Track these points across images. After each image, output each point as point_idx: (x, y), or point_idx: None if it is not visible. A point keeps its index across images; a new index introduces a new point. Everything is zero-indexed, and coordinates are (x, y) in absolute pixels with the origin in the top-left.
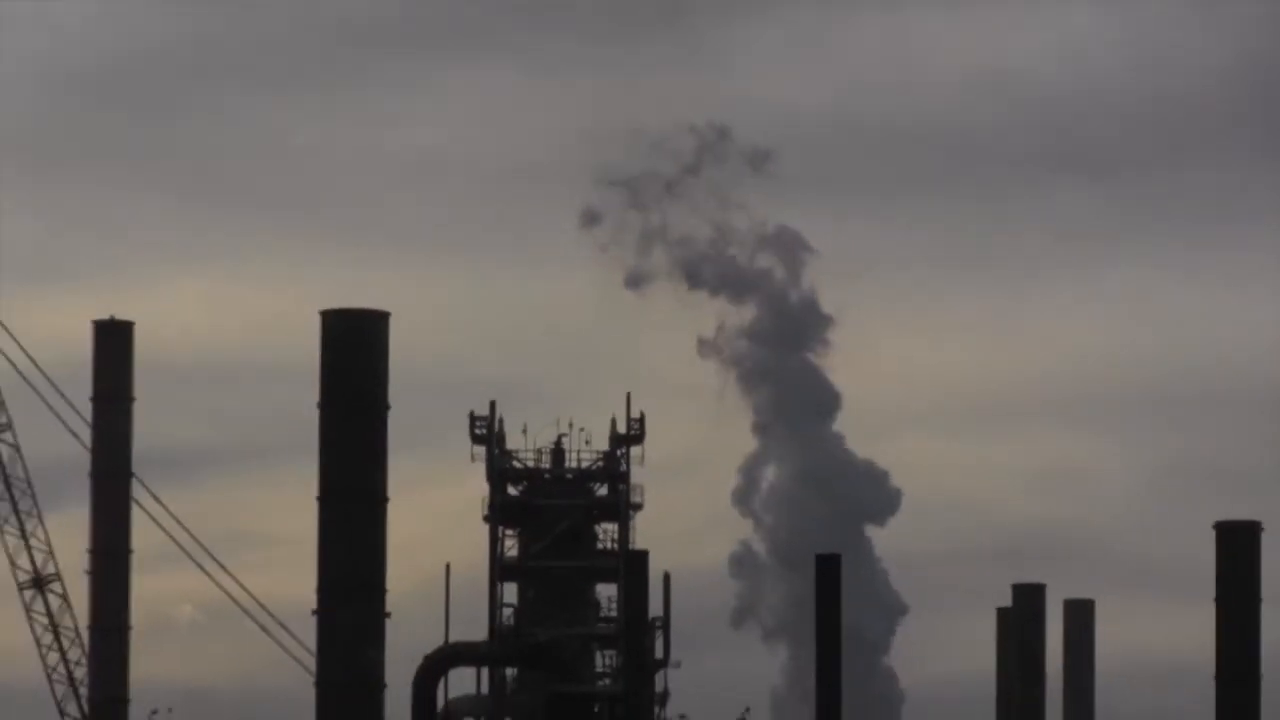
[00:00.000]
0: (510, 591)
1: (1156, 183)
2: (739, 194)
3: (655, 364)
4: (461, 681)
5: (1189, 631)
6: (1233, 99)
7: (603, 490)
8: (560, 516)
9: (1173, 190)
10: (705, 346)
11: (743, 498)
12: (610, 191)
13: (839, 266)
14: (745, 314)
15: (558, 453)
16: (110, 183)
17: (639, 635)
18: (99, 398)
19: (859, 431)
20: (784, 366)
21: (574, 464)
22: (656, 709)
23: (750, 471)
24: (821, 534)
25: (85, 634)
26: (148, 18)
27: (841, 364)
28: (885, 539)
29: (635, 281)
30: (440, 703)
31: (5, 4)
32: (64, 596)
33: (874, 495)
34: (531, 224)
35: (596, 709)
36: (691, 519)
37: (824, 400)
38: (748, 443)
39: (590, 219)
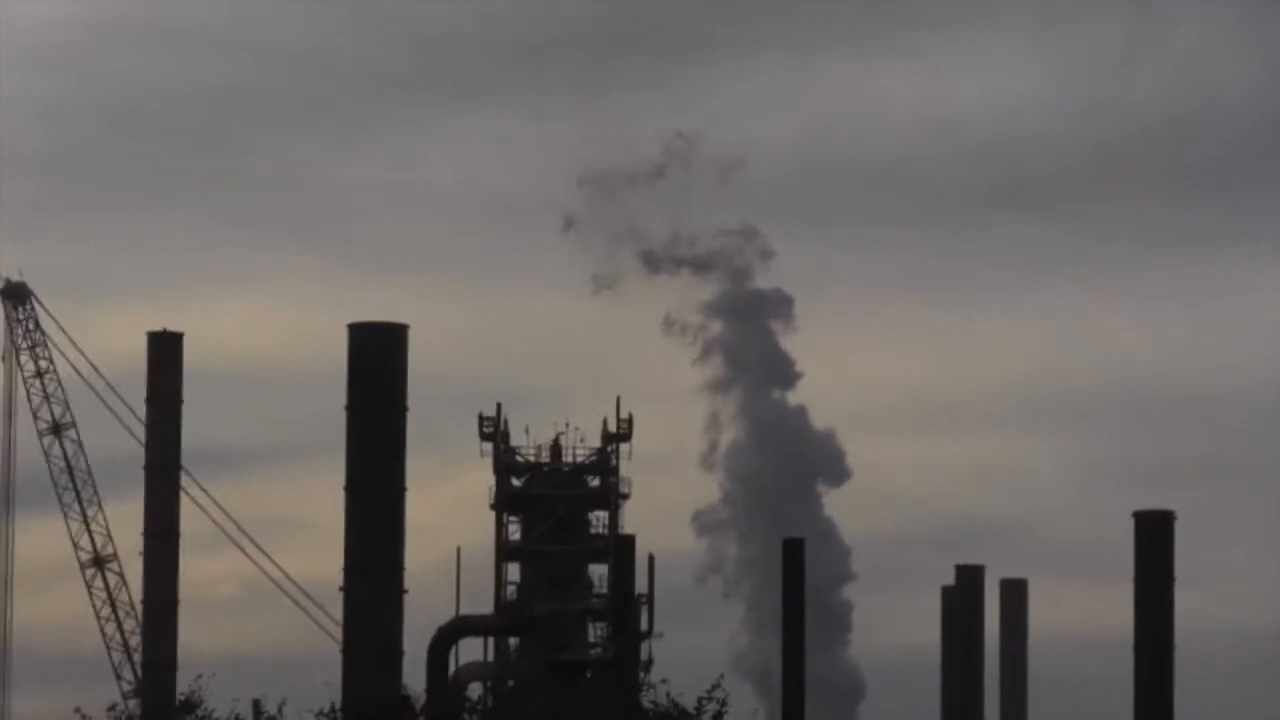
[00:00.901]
0: (514, 571)
1: (1083, 217)
2: (711, 216)
3: (641, 372)
4: (470, 650)
5: (1110, 608)
6: (1152, 144)
7: (595, 482)
8: (557, 505)
9: (1097, 223)
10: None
11: (706, 458)
12: (591, 208)
13: (800, 285)
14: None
15: (556, 449)
16: (165, 210)
17: (626, 609)
18: (152, 400)
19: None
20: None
21: (570, 459)
22: (641, 674)
23: (712, 433)
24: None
25: (139, 608)
26: (206, 66)
27: (801, 370)
28: (840, 524)
29: (609, 283)
30: (451, 669)
31: (78, 49)
32: (120, 575)
33: (825, 458)
34: (530, 249)
35: (589, 674)
36: (672, 507)
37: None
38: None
39: (568, 224)
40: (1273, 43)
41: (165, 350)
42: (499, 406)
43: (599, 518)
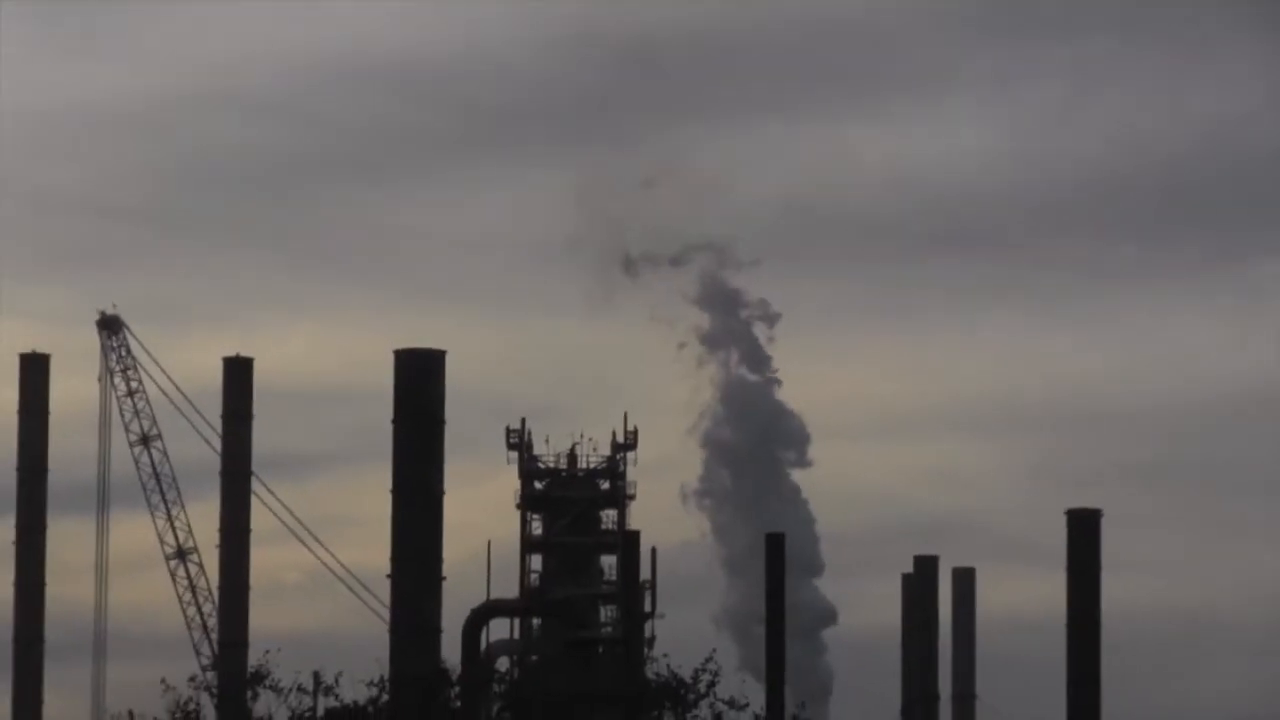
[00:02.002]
0: (536, 561)
1: (1024, 255)
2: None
3: (646, 391)
4: (499, 629)
5: (1047, 592)
6: (1085, 193)
7: (605, 485)
8: (573, 505)
9: (1037, 261)
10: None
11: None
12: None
13: (781, 312)
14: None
15: (572, 457)
16: (238, 252)
17: (632, 594)
18: (227, 415)
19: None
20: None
21: (584, 465)
22: (645, 650)
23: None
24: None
25: (215, 593)
26: (274, 131)
27: (780, 386)
28: (810, 505)
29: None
30: (482, 645)
31: (168, 116)
32: (199, 564)
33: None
34: (552, 286)
35: (601, 650)
36: (671, 507)
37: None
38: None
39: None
40: (1191, 105)
41: (237, 372)
42: (523, 421)
43: (609, 515)
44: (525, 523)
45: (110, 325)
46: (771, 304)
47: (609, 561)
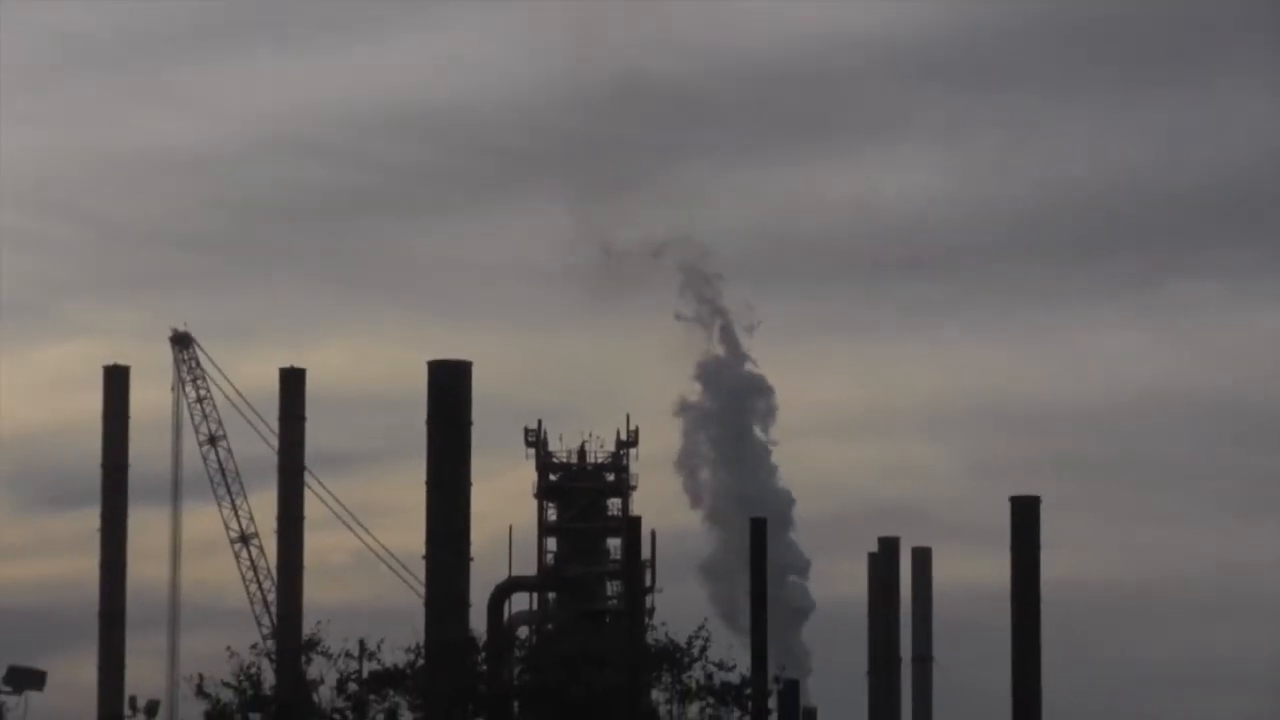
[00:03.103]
0: (551, 543)
1: (972, 279)
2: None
3: (646, 396)
4: (519, 602)
5: (995, 570)
6: (1025, 225)
7: (611, 477)
8: (583, 494)
9: (983, 284)
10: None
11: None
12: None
13: (762, 332)
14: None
15: (582, 453)
16: (292, 276)
17: (634, 571)
18: (282, 418)
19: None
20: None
21: (593, 460)
22: (646, 620)
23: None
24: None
25: (273, 572)
26: (323, 170)
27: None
28: (791, 499)
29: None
30: (505, 616)
31: (230, 158)
32: (260, 547)
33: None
34: (562, 305)
35: (608, 619)
36: (667, 496)
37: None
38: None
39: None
40: (1111, 150)
41: (292, 381)
42: (539, 422)
43: (614, 503)
44: (542, 510)
45: (182, 341)
46: (750, 313)
47: (614, 543)
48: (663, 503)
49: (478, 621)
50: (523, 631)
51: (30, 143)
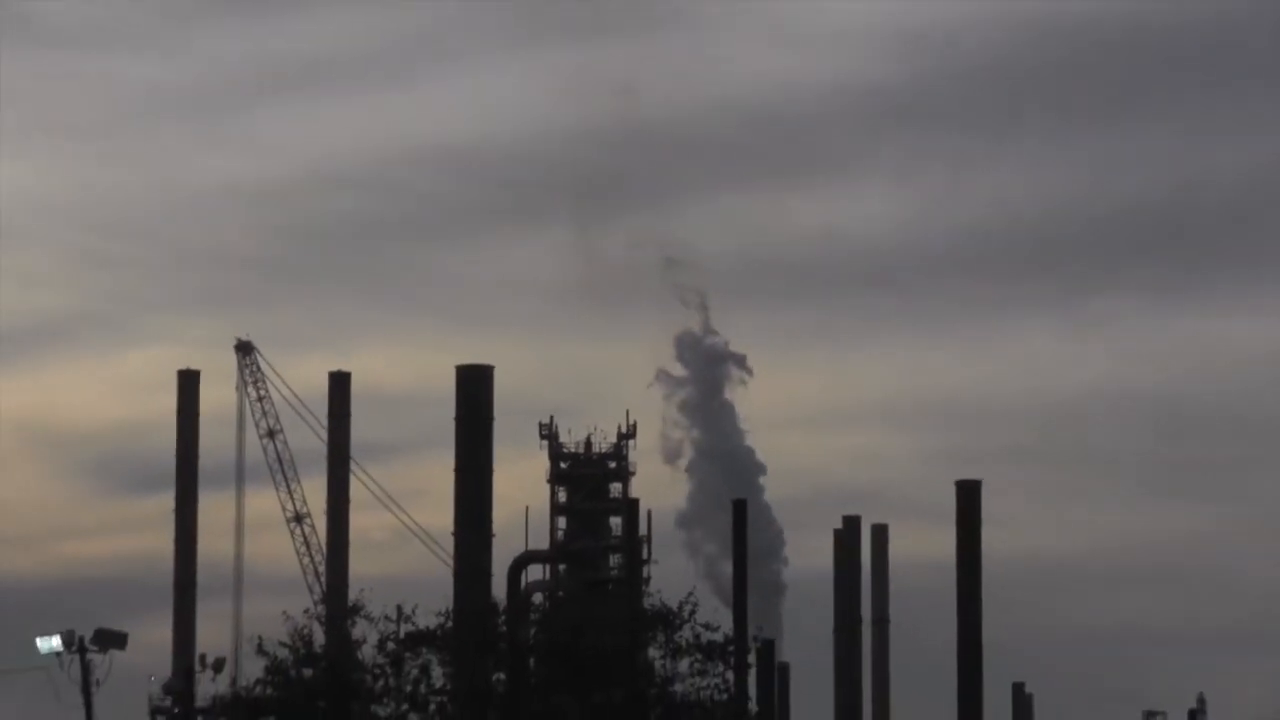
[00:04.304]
0: (561, 522)
1: (925, 295)
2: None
3: (643, 396)
4: (534, 572)
5: (943, 544)
6: (969, 247)
7: (613, 464)
8: (589, 479)
9: (933, 299)
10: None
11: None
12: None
13: (740, 338)
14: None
15: (588, 444)
16: (338, 292)
17: (633, 545)
18: (331, 414)
19: (752, 425)
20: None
21: (597, 450)
22: (643, 587)
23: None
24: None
25: (323, 547)
26: (360, 199)
27: (743, 392)
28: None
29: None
30: (522, 584)
31: (282, 191)
32: (312, 526)
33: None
34: (568, 317)
35: (610, 587)
36: (660, 480)
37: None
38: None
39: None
40: (1044, 182)
41: (339, 383)
42: (551, 418)
43: (615, 487)
44: (553, 493)
45: (244, 348)
46: (732, 326)
47: (616, 521)
48: (657, 487)
49: (499, 589)
50: (537, 597)
51: (118, 179)
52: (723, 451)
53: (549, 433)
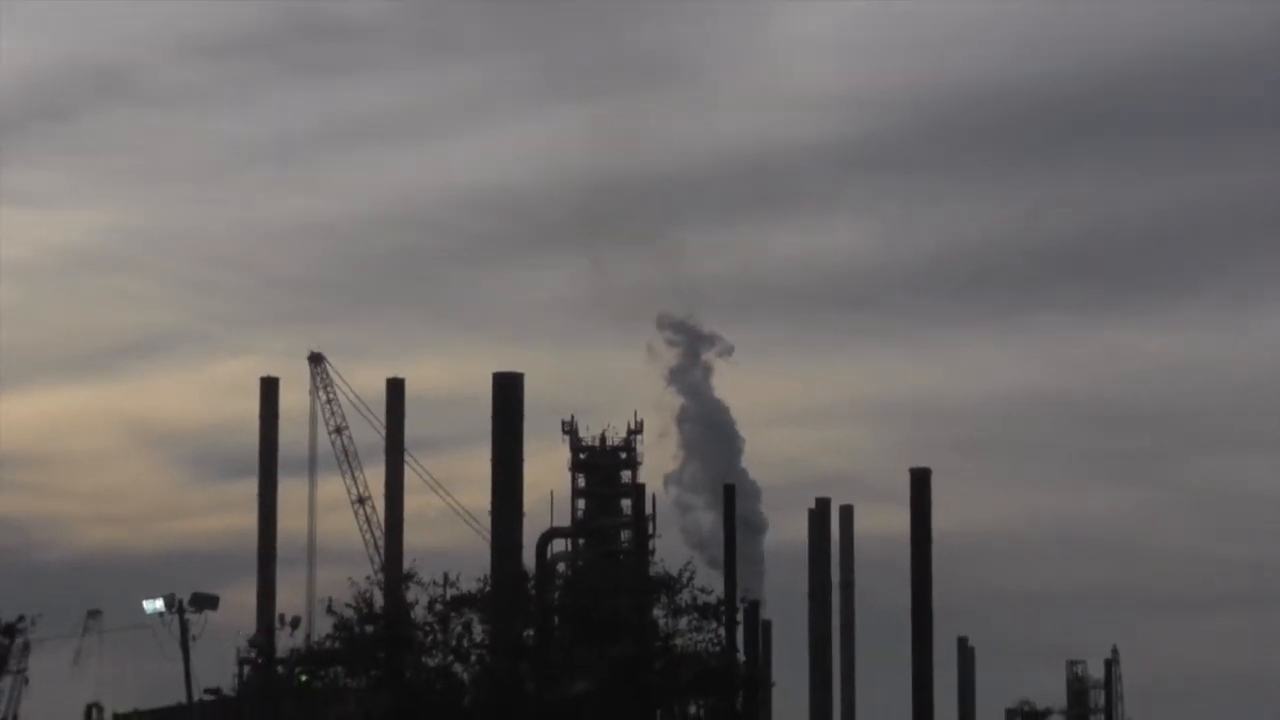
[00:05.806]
0: (581, 503)
1: (894, 312)
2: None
3: (650, 398)
4: (558, 545)
5: (900, 523)
6: (934, 271)
7: (624, 455)
8: (604, 468)
9: (902, 316)
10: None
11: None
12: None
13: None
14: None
15: (603, 438)
16: (393, 309)
17: (641, 523)
18: (389, 413)
19: (741, 421)
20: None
21: (611, 443)
22: (650, 557)
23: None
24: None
25: (382, 524)
26: (404, 231)
27: (731, 392)
28: (751, 479)
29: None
30: (548, 555)
31: (328, 224)
32: (373, 506)
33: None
34: (586, 331)
35: (621, 558)
36: (664, 469)
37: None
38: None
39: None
40: (989, 215)
41: (395, 389)
42: (572, 416)
43: (626, 474)
44: (574, 479)
45: (316, 359)
46: (723, 337)
47: (626, 503)
48: (660, 473)
49: (529, 559)
50: (561, 567)
51: (213, 218)
52: (710, 420)
53: (570, 429)
